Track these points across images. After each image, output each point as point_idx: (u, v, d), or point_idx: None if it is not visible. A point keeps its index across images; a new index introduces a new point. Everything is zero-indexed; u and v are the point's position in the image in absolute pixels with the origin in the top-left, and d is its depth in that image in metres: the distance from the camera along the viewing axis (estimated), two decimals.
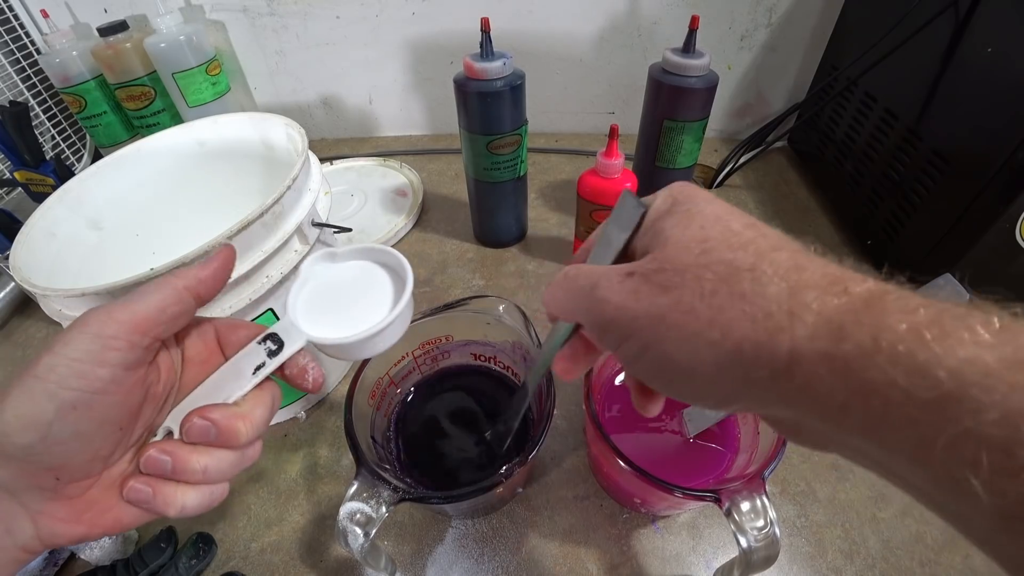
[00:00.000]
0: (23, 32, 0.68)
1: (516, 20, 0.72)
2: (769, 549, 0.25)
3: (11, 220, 0.55)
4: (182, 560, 0.34)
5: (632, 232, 0.19)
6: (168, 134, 0.44)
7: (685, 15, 0.61)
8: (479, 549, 0.36)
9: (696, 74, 0.49)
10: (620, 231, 0.20)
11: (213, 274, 0.22)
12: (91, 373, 0.19)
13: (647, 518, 0.37)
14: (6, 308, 0.56)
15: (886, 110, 0.53)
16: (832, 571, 0.34)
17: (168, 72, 0.62)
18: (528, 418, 0.38)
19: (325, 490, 0.40)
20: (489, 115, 0.49)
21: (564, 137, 0.82)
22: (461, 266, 0.59)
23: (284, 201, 0.34)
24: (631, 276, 0.18)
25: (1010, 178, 0.38)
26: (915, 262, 0.48)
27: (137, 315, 0.20)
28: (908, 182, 0.49)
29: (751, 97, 0.78)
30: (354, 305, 0.26)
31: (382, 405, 0.37)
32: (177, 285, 0.21)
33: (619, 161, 0.48)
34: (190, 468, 0.21)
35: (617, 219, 0.20)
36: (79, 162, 0.74)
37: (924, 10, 0.46)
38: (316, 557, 0.36)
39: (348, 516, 0.27)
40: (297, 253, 0.36)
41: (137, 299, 0.20)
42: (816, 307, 0.15)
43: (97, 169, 0.41)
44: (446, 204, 0.69)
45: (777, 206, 0.66)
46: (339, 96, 0.83)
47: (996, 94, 0.40)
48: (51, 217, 0.37)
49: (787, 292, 0.15)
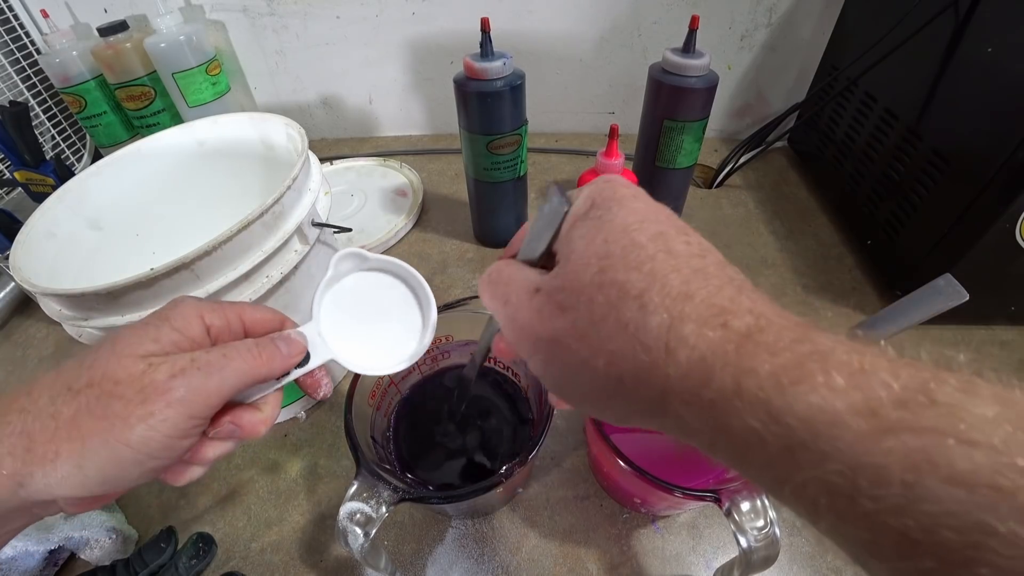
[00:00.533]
0: (23, 32, 0.68)
1: (516, 20, 0.72)
2: (769, 549, 0.25)
3: (11, 220, 0.55)
4: (182, 560, 0.34)
5: (556, 231, 0.19)
6: (168, 134, 0.44)
7: (685, 15, 0.61)
8: (479, 549, 0.36)
9: (696, 74, 0.49)
10: (546, 229, 0.19)
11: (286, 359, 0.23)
12: (177, 446, 0.20)
13: (647, 518, 0.37)
14: (6, 308, 0.56)
15: (886, 110, 0.53)
16: (832, 571, 0.34)
17: (168, 72, 0.62)
18: (528, 418, 0.38)
19: (325, 490, 0.40)
20: (489, 115, 0.49)
21: (564, 137, 0.82)
22: (461, 266, 0.59)
23: (284, 201, 0.34)
24: (537, 293, 0.18)
25: (1010, 178, 0.38)
26: (915, 262, 0.48)
27: (223, 393, 0.21)
28: (908, 182, 0.49)
29: (751, 97, 0.78)
30: (378, 326, 0.27)
31: (382, 405, 0.37)
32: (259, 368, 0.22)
33: (619, 161, 0.48)
34: (205, 458, 0.22)
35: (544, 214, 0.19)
36: (79, 162, 0.74)
37: (924, 10, 0.46)
38: (316, 557, 0.36)
39: (348, 516, 0.27)
40: (297, 253, 0.36)
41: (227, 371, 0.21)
42: (692, 342, 0.14)
43: (97, 169, 0.41)
44: (446, 204, 0.69)
45: (777, 206, 0.66)
46: (339, 96, 0.83)
47: (996, 94, 0.40)
48: (51, 217, 0.37)
49: (667, 325, 0.15)
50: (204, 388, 0.20)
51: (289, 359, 0.23)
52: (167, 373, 0.19)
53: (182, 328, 0.21)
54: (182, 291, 0.30)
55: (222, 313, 0.22)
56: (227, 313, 0.22)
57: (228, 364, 0.21)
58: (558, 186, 0.18)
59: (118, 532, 0.36)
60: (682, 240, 0.17)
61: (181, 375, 0.19)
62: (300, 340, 0.24)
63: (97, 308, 0.30)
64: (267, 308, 0.25)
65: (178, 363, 0.20)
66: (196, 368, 0.20)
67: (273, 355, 0.23)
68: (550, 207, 0.19)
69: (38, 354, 0.52)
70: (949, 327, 0.49)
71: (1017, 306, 0.46)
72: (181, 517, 0.39)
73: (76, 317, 0.31)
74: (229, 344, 0.22)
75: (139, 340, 0.20)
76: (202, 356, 0.20)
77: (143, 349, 0.19)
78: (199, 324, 0.21)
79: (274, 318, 0.25)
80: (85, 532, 0.34)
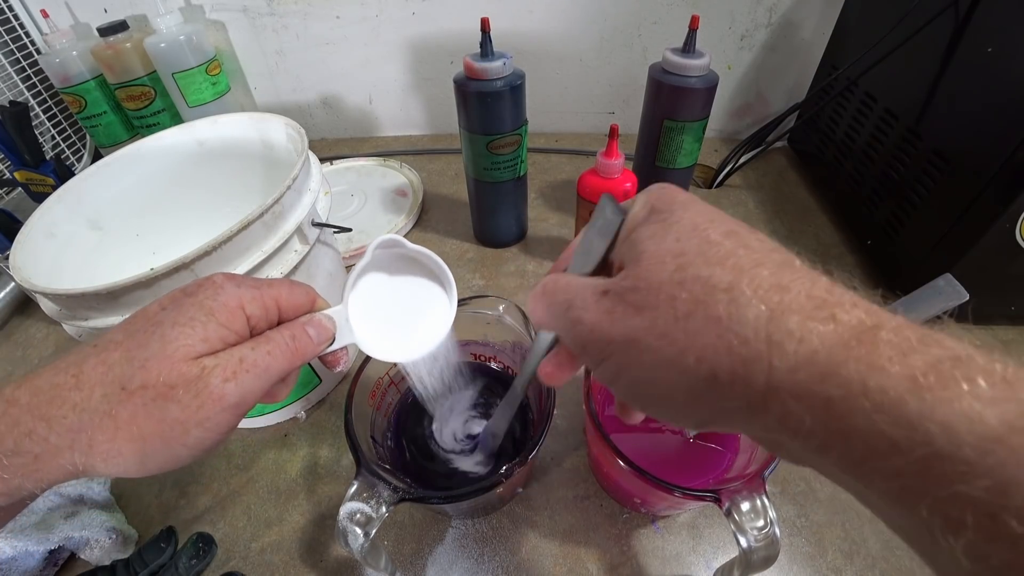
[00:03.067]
0: (23, 32, 0.68)
1: (516, 20, 0.72)
2: (769, 549, 0.25)
3: (11, 220, 0.55)
4: (182, 560, 0.34)
5: (611, 240, 0.19)
6: (168, 134, 0.44)
7: (685, 15, 0.61)
8: (479, 549, 0.36)
9: (696, 74, 0.49)
10: (599, 239, 0.19)
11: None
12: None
13: (647, 518, 0.37)
14: (6, 308, 0.56)
15: (886, 110, 0.53)
16: (832, 571, 0.34)
17: (168, 72, 0.62)
18: (528, 418, 0.38)
19: (325, 490, 0.40)
20: (489, 115, 0.49)
21: (564, 137, 0.82)
22: (461, 266, 0.59)
23: (284, 201, 0.34)
24: (606, 295, 0.17)
25: (1010, 178, 0.38)
26: (915, 262, 0.48)
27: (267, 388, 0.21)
28: (908, 182, 0.49)
29: (751, 97, 0.78)
30: (403, 315, 0.27)
31: (382, 405, 0.37)
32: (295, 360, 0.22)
33: (619, 161, 0.48)
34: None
35: (597, 226, 0.19)
36: (79, 162, 0.74)
37: (924, 10, 0.46)
38: (316, 557, 0.36)
39: (348, 516, 0.27)
40: (297, 253, 0.36)
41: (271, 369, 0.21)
42: (799, 335, 0.13)
43: (97, 169, 0.41)
44: (446, 204, 0.69)
45: (777, 206, 0.66)
46: (339, 96, 0.83)
47: (996, 94, 0.40)
48: (51, 217, 0.37)
49: (767, 316, 0.14)
50: (253, 390, 0.21)
51: (318, 347, 0.24)
52: (220, 377, 0.20)
53: (227, 323, 0.21)
54: None
55: (261, 301, 0.22)
56: (265, 299, 0.22)
57: (272, 363, 0.21)
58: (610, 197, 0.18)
59: (118, 532, 0.36)
60: (754, 237, 0.16)
61: (233, 379, 0.20)
62: (329, 327, 0.24)
63: (97, 308, 0.30)
64: (299, 286, 0.24)
65: (229, 366, 0.20)
66: (245, 370, 0.20)
67: (307, 345, 0.23)
68: (603, 219, 0.19)
69: (38, 354, 0.52)
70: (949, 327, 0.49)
71: (1017, 306, 0.46)
72: (181, 517, 0.39)
73: (76, 317, 0.31)
74: (270, 338, 0.22)
75: (190, 340, 0.20)
76: (249, 356, 0.21)
77: (194, 351, 0.20)
78: (242, 317, 0.21)
79: (306, 301, 0.24)
80: (85, 532, 0.34)
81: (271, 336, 0.22)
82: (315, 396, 0.45)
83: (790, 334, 0.13)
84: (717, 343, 0.14)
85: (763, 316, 0.14)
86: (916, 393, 0.11)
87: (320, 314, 0.24)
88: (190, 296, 0.21)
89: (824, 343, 0.13)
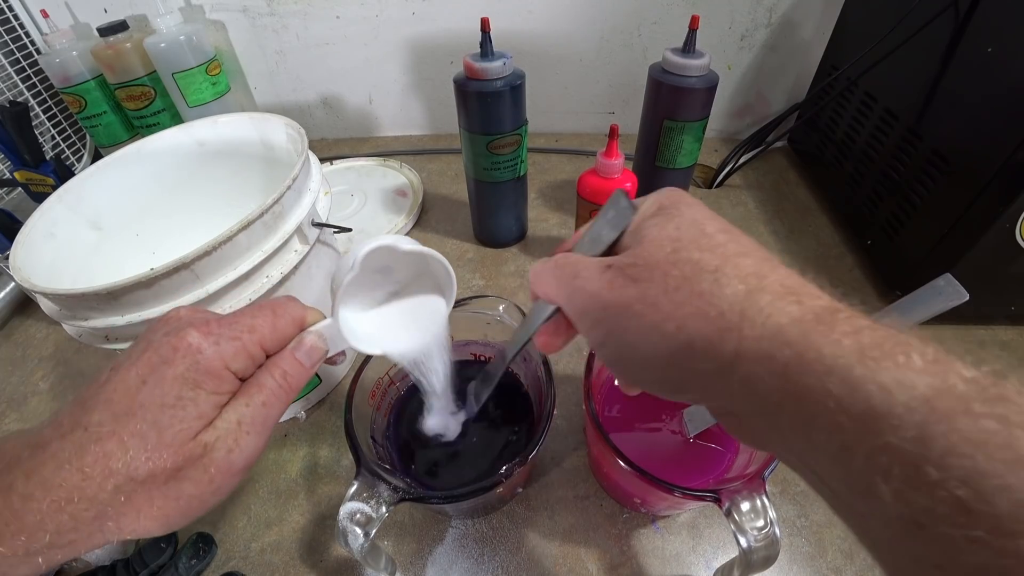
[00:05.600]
0: (23, 32, 0.68)
1: (516, 20, 0.72)
2: (769, 549, 0.25)
3: (11, 220, 0.55)
4: (182, 560, 0.34)
5: (621, 232, 0.21)
6: (168, 134, 0.44)
7: (685, 15, 0.61)
8: (479, 549, 0.36)
9: (696, 74, 0.49)
10: (610, 230, 0.21)
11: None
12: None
13: (647, 518, 0.37)
14: (6, 308, 0.56)
15: (886, 110, 0.53)
16: (832, 571, 0.34)
17: (168, 72, 0.62)
18: (528, 418, 0.38)
19: (325, 490, 0.40)
20: (489, 115, 0.49)
21: (564, 137, 0.82)
22: (461, 266, 0.59)
23: (284, 201, 0.34)
24: (609, 268, 0.19)
25: (1010, 178, 0.38)
26: (915, 262, 0.48)
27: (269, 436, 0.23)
28: (908, 182, 0.49)
29: (751, 97, 0.78)
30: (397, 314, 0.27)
31: (382, 405, 0.37)
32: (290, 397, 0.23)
33: (619, 161, 0.48)
34: None
35: (608, 218, 0.21)
36: (79, 162, 0.74)
37: (924, 10, 0.46)
38: (316, 557, 0.36)
39: (348, 516, 0.27)
40: (297, 253, 0.36)
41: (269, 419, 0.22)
42: (768, 311, 0.16)
43: (97, 169, 0.41)
44: (446, 204, 0.69)
45: (777, 206, 0.66)
46: (339, 96, 0.83)
47: (996, 94, 0.40)
48: (51, 217, 0.37)
49: (743, 294, 0.16)
50: (258, 446, 0.22)
51: (312, 370, 0.24)
52: (224, 449, 0.20)
53: (216, 389, 0.21)
54: (182, 291, 0.30)
55: (245, 353, 0.22)
56: (248, 349, 0.22)
57: (270, 412, 0.22)
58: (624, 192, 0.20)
59: None
60: (746, 238, 0.19)
61: (236, 447, 0.21)
62: (321, 345, 0.24)
63: (97, 308, 0.30)
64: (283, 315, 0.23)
65: (229, 435, 0.21)
66: (245, 432, 0.21)
67: (300, 374, 0.23)
68: (617, 211, 0.21)
69: (38, 354, 0.52)
70: (949, 327, 0.49)
71: (1017, 306, 0.46)
72: None
73: (76, 317, 0.31)
74: (263, 385, 0.22)
75: (184, 424, 0.20)
76: (247, 416, 0.21)
77: (192, 431, 0.20)
78: (229, 376, 0.21)
79: (293, 327, 0.24)
80: None
81: (263, 383, 0.22)
82: (315, 396, 0.45)
83: (760, 311, 0.16)
84: (697, 313, 0.17)
85: (740, 294, 0.16)
86: (862, 362, 0.14)
87: (310, 334, 0.24)
88: (169, 366, 0.20)
89: (789, 319, 0.15)
